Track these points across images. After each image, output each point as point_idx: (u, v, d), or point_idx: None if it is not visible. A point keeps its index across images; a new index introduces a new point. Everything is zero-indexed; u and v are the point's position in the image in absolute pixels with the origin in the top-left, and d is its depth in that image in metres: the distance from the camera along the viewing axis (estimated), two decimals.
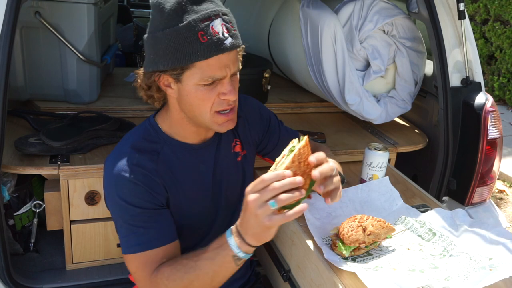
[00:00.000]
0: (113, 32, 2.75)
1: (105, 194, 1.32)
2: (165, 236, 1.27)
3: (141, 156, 1.27)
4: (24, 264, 1.92)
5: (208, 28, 1.15)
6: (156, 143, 1.32)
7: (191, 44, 1.14)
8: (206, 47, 1.15)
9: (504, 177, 4.15)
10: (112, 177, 1.25)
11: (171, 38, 1.15)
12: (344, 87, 2.14)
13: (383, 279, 1.18)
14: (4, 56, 1.52)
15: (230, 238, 1.13)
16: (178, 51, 1.15)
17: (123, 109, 2.26)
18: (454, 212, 1.51)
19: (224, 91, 1.23)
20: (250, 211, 1.06)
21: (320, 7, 2.14)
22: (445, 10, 2.05)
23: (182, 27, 1.14)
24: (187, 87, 1.21)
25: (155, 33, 1.17)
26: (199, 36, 1.14)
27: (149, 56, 1.21)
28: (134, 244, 1.25)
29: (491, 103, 2.05)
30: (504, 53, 5.46)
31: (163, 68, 1.20)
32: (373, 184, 1.63)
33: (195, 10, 1.15)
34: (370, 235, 1.28)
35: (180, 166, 1.33)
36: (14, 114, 2.06)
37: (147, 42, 1.22)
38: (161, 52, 1.17)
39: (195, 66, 1.18)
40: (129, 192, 1.24)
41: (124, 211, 1.25)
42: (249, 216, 1.07)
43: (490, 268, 1.23)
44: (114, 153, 1.30)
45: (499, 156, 2.12)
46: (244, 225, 1.10)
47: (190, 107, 1.25)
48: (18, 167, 1.72)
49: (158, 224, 1.27)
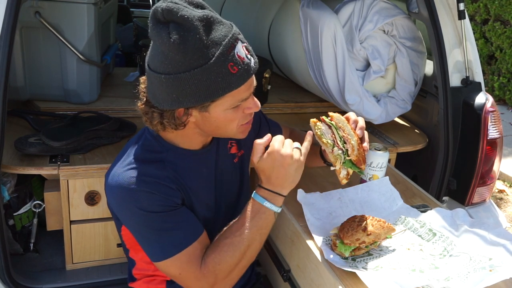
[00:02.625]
0: (113, 32, 2.75)
1: (118, 210, 1.28)
2: (196, 228, 1.28)
3: (148, 166, 1.26)
4: (24, 264, 1.92)
5: (235, 57, 1.14)
6: (159, 152, 1.31)
7: (224, 79, 1.14)
8: (238, 77, 1.16)
9: (504, 177, 4.15)
10: (125, 192, 1.22)
11: (201, 78, 1.12)
12: (344, 87, 2.14)
13: (383, 279, 1.18)
14: (4, 56, 1.52)
15: (266, 202, 1.25)
16: (211, 87, 1.14)
17: (123, 109, 2.26)
18: (454, 212, 1.51)
19: (249, 105, 1.27)
20: (289, 163, 1.23)
21: (320, 7, 2.14)
22: (445, 10, 2.05)
23: (212, 65, 1.11)
24: (215, 114, 1.21)
25: (179, 75, 1.11)
26: (229, 68, 1.13)
27: (170, 96, 1.16)
28: (170, 247, 1.23)
29: (491, 103, 2.05)
30: (504, 53, 5.46)
31: (191, 105, 1.17)
32: (373, 184, 1.63)
33: (215, 41, 1.11)
34: (370, 235, 1.28)
35: (185, 171, 1.33)
36: (14, 114, 2.06)
37: (165, 83, 1.14)
38: (188, 91, 1.14)
39: (225, 97, 1.18)
40: (147, 201, 1.22)
41: (148, 220, 1.23)
42: (286, 170, 1.23)
43: (490, 268, 1.23)
44: (118, 168, 1.26)
45: (499, 156, 2.11)
46: (278, 182, 1.25)
47: (216, 128, 1.27)
48: (18, 167, 1.72)
49: (186, 220, 1.27)
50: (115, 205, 1.28)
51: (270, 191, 1.26)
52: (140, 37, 3.09)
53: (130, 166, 1.25)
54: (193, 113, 1.22)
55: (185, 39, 1.08)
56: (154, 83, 1.18)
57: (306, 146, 1.29)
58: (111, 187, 1.25)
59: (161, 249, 1.24)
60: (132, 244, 1.36)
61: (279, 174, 1.24)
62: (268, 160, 1.24)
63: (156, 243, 1.24)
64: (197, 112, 1.22)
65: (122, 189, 1.22)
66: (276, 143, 1.25)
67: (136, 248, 1.35)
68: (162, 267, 1.27)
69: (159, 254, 1.25)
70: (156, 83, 1.17)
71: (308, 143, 1.29)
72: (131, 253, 1.42)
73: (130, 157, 1.28)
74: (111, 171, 1.28)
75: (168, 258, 1.24)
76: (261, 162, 1.25)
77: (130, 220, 1.27)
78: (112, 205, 1.30)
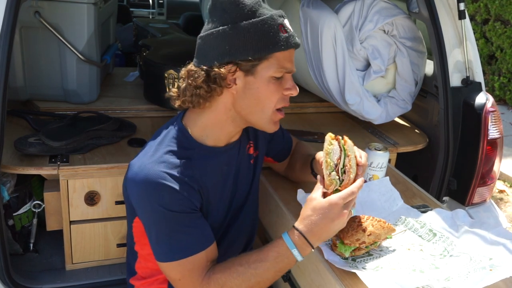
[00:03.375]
0: (113, 32, 2.75)
1: (137, 202, 1.26)
2: (206, 239, 1.26)
3: (176, 163, 1.25)
4: (24, 264, 1.91)
5: (284, 23, 1.24)
6: (188, 149, 1.30)
7: (275, 35, 1.21)
8: (286, 39, 1.23)
9: (504, 177, 4.15)
10: (150, 185, 1.21)
11: (256, 28, 1.20)
12: (344, 87, 2.14)
13: (383, 279, 1.18)
14: (4, 56, 1.52)
15: (295, 250, 1.20)
16: (262, 40, 1.20)
17: (123, 109, 2.26)
18: (455, 212, 1.51)
19: (288, 86, 1.28)
20: (340, 220, 1.19)
21: (320, 7, 2.13)
22: (446, 10, 2.05)
23: (268, 18, 1.21)
24: (260, 79, 1.24)
25: (235, 25, 1.20)
26: (280, 29, 1.22)
27: (222, 49, 1.21)
28: (177, 250, 1.22)
29: (491, 103, 2.05)
30: (505, 53, 5.46)
31: (243, 57, 1.21)
32: (373, 184, 1.63)
33: (268, 8, 1.25)
34: (370, 235, 1.28)
35: (209, 171, 1.33)
36: (14, 114, 2.06)
37: (220, 34, 1.21)
38: (242, 41, 1.20)
39: (273, 57, 1.23)
40: (170, 199, 1.21)
41: (165, 218, 1.22)
42: (335, 225, 1.19)
43: (490, 268, 1.23)
44: (147, 159, 1.25)
45: (499, 156, 2.11)
46: (319, 234, 1.20)
47: (255, 102, 1.26)
48: (17, 167, 1.72)
49: (199, 227, 1.26)
50: (136, 196, 1.26)
51: (305, 238, 1.19)
52: (140, 37, 3.09)
53: (159, 159, 1.24)
54: (239, 76, 1.23)
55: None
56: (208, 42, 1.24)
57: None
58: (136, 177, 1.23)
59: (169, 250, 1.23)
60: (140, 237, 1.35)
61: (324, 227, 1.19)
62: (323, 207, 1.19)
63: (165, 243, 1.23)
64: (242, 75, 1.23)
65: (147, 182, 1.21)
66: (343, 196, 1.20)
67: (143, 242, 1.34)
68: (165, 268, 1.26)
69: (165, 255, 1.24)
70: (209, 40, 1.24)
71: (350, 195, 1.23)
72: (137, 247, 1.41)
73: (160, 151, 1.27)
74: (138, 160, 1.27)
75: (173, 261, 1.23)
76: (316, 203, 1.20)
77: (147, 214, 1.25)
78: (132, 195, 1.27)
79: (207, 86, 1.23)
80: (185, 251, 1.22)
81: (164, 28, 3.13)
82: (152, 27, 3.11)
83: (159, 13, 5.15)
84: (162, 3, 5.15)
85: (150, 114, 2.30)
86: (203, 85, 1.23)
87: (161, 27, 3.18)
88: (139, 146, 1.94)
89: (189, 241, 1.23)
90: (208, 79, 1.23)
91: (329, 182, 1.24)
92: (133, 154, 1.86)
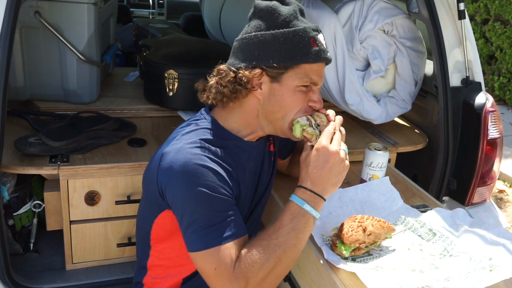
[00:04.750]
0: (113, 32, 2.75)
1: (172, 188, 1.22)
2: (242, 227, 1.24)
3: (215, 149, 1.25)
4: (24, 264, 1.92)
5: (317, 38, 1.27)
6: (223, 139, 1.31)
7: (305, 46, 1.25)
8: (316, 52, 1.26)
9: (504, 177, 4.15)
10: (191, 168, 1.18)
11: (287, 37, 1.24)
12: (344, 87, 2.14)
13: (383, 279, 1.18)
14: (4, 56, 1.52)
15: (306, 205, 1.22)
16: (292, 50, 1.24)
17: (123, 109, 2.26)
18: (454, 212, 1.51)
19: (314, 99, 1.31)
20: (335, 160, 1.22)
21: (320, 7, 2.14)
22: (445, 10, 2.05)
23: (300, 30, 1.25)
24: (286, 87, 1.27)
25: (267, 32, 1.24)
26: (311, 41, 1.26)
27: (252, 54, 1.26)
28: (215, 236, 1.18)
29: (491, 103, 2.05)
30: (505, 53, 5.46)
31: (269, 64, 1.24)
32: (373, 184, 1.63)
33: (304, 21, 1.29)
34: (370, 235, 1.28)
35: (242, 163, 1.34)
36: (14, 114, 2.06)
37: (252, 40, 1.26)
38: (271, 49, 1.24)
39: (300, 68, 1.26)
40: (212, 180, 1.19)
41: (206, 201, 1.18)
42: (333, 166, 1.22)
43: (490, 268, 1.23)
44: (182, 146, 1.23)
45: (499, 156, 2.11)
46: (321, 181, 1.22)
47: (278, 108, 1.29)
48: (18, 167, 1.72)
49: (236, 215, 1.23)
50: (173, 183, 1.21)
51: (311, 191, 1.23)
52: (140, 37, 3.09)
53: (197, 145, 1.23)
54: (265, 81, 1.27)
55: (284, 4, 1.29)
56: (240, 46, 1.29)
57: (338, 137, 1.27)
58: (174, 163, 1.20)
59: (207, 236, 1.18)
60: (160, 233, 1.34)
61: (322, 173, 1.22)
62: (313, 155, 1.23)
63: (202, 229, 1.18)
64: (268, 81, 1.27)
65: (189, 165, 1.18)
66: (323, 138, 1.25)
67: (163, 237, 1.33)
68: (199, 258, 1.20)
69: (201, 242, 1.18)
70: (242, 45, 1.29)
71: (332, 128, 1.28)
72: (154, 243, 1.38)
73: (195, 138, 1.25)
74: (172, 147, 1.23)
75: (209, 248, 1.17)
76: (308, 157, 1.25)
77: (185, 200, 1.20)
78: (168, 183, 1.22)
79: (233, 87, 1.27)
80: (223, 237, 1.18)
81: (164, 28, 3.13)
82: (152, 27, 3.11)
83: (159, 13, 5.15)
84: (162, 3, 5.16)
85: (150, 114, 2.30)
86: (228, 84, 1.27)
87: (161, 27, 3.18)
88: (139, 146, 1.95)
89: (228, 228, 1.19)
90: (234, 80, 1.27)
91: (309, 136, 1.28)
92: (133, 154, 1.88)
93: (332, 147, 1.23)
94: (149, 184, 1.31)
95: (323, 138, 1.24)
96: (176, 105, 2.20)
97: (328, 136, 1.25)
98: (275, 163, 1.54)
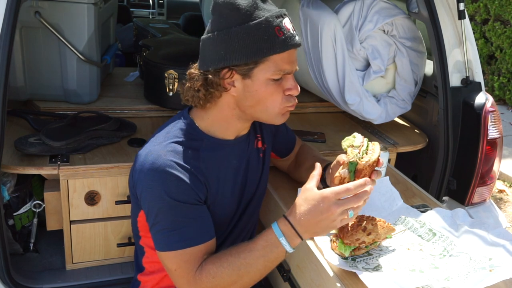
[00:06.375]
0: (113, 32, 2.75)
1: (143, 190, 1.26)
2: (206, 232, 1.27)
3: (184, 152, 1.26)
4: (24, 264, 1.92)
5: (282, 24, 1.22)
6: (195, 140, 1.31)
7: (270, 38, 1.20)
8: (283, 41, 1.22)
9: (504, 177, 4.15)
10: (157, 173, 1.22)
11: (250, 32, 1.19)
12: (344, 87, 2.14)
13: (383, 279, 1.18)
14: (4, 56, 1.52)
15: (282, 239, 1.18)
16: (257, 44, 1.20)
17: (123, 109, 2.26)
18: (454, 212, 1.51)
19: (289, 86, 1.28)
20: (328, 216, 1.14)
21: (320, 7, 2.14)
22: (445, 10, 2.05)
23: (261, 22, 1.20)
24: (257, 82, 1.24)
25: (229, 29, 1.20)
26: (276, 31, 1.21)
27: (217, 54, 1.23)
28: (176, 241, 1.23)
29: (491, 103, 2.05)
30: (504, 53, 5.46)
31: (237, 62, 1.22)
32: None
33: (266, 9, 1.22)
34: (370, 235, 1.28)
35: (218, 163, 1.34)
36: (14, 114, 2.06)
37: (216, 39, 1.23)
38: (236, 46, 1.20)
39: (269, 60, 1.22)
40: (175, 188, 1.22)
41: (168, 207, 1.22)
42: (323, 219, 1.15)
43: (490, 268, 1.23)
44: (155, 146, 1.27)
45: (499, 156, 2.11)
46: (306, 225, 1.16)
47: (256, 103, 1.27)
48: (18, 167, 1.72)
49: (200, 220, 1.26)
50: (142, 184, 1.26)
51: (293, 228, 1.18)
52: (140, 37, 3.08)
53: (167, 148, 1.25)
54: (236, 78, 1.25)
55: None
56: (206, 46, 1.26)
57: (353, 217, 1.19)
58: (143, 166, 1.24)
59: (168, 239, 1.23)
60: (146, 231, 1.35)
61: (311, 219, 1.16)
62: (315, 199, 1.16)
63: (165, 231, 1.24)
64: (240, 78, 1.24)
65: (155, 170, 1.22)
66: (336, 190, 1.16)
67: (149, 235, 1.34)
68: (163, 257, 1.27)
69: (165, 244, 1.24)
70: (207, 45, 1.25)
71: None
72: (142, 241, 1.41)
73: (167, 140, 1.28)
74: (145, 150, 1.28)
75: (171, 250, 1.23)
76: (309, 195, 1.18)
77: (151, 202, 1.25)
78: (138, 184, 1.27)
79: (206, 90, 1.27)
80: (185, 241, 1.23)
81: (164, 28, 3.13)
82: (152, 27, 3.11)
83: (159, 13, 5.16)
84: (162, 3, 5.16)
85: (150, 114, 2.30)
86: (201, 88, 1.27)
87: (161, 27, 3.18)
88: (139, 146, 1.94)
89: (189, 233, 1.23)
90: (205, 83, 1.26)
91: (350, 154, 1.24)
92: (133, 154, 1.88)
93: (334, 205, 1.14)
94: (130, 183, 1.36)
95: (336, 190, 1.16)
96: (176, 105, 2.19)
97: (341, 192, 1.16)
98: (265, 160, 1.52)
